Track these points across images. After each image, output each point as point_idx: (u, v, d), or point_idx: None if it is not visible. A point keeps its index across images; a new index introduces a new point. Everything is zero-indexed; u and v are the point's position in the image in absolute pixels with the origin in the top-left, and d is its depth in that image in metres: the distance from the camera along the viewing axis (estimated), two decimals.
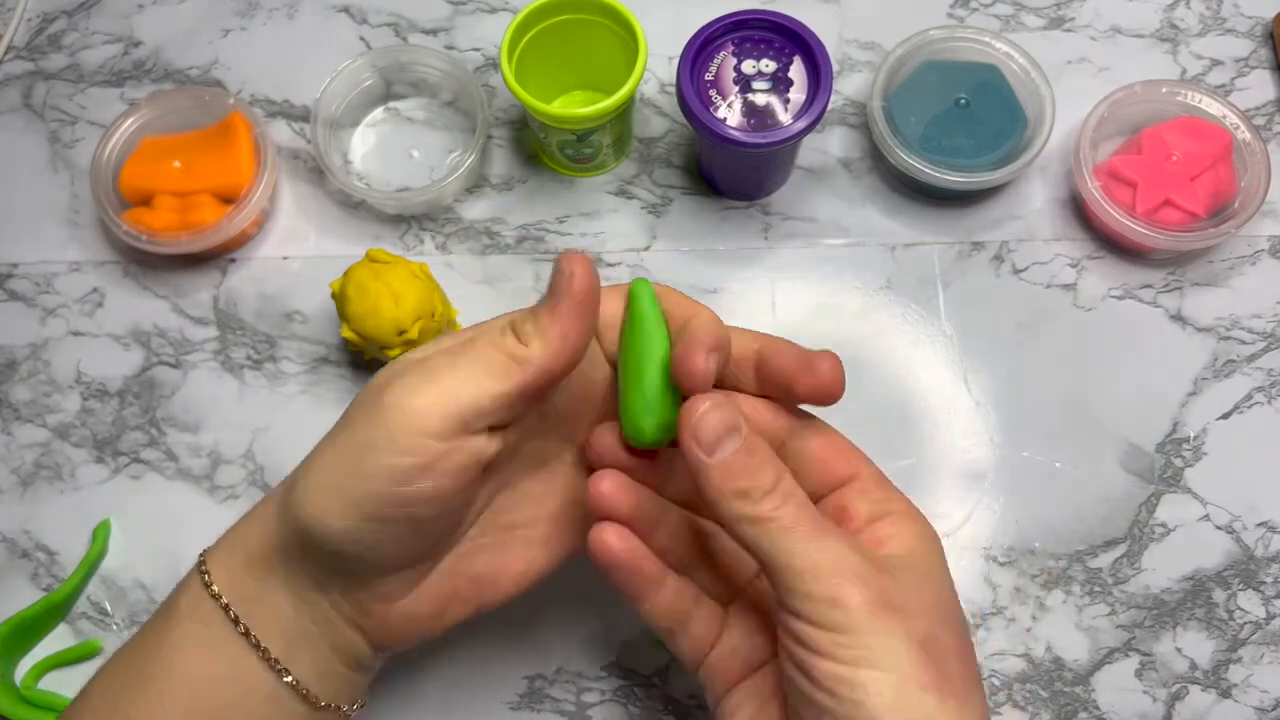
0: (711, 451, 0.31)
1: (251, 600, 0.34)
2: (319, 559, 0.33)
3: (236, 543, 0.35)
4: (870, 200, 0.56)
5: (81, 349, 0.55)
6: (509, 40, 0.50)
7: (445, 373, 0.31)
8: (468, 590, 0.36)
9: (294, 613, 0.34)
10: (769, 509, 0.31)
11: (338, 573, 0.33)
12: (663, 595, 0.34)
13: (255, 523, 0.35)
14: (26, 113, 0.60)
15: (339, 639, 0.35)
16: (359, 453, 0.31)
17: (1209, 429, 0.51)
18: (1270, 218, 0.55)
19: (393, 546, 0.32)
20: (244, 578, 0.34)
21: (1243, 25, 0.59)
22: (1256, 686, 0.47)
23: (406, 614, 0.34)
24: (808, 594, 0.30)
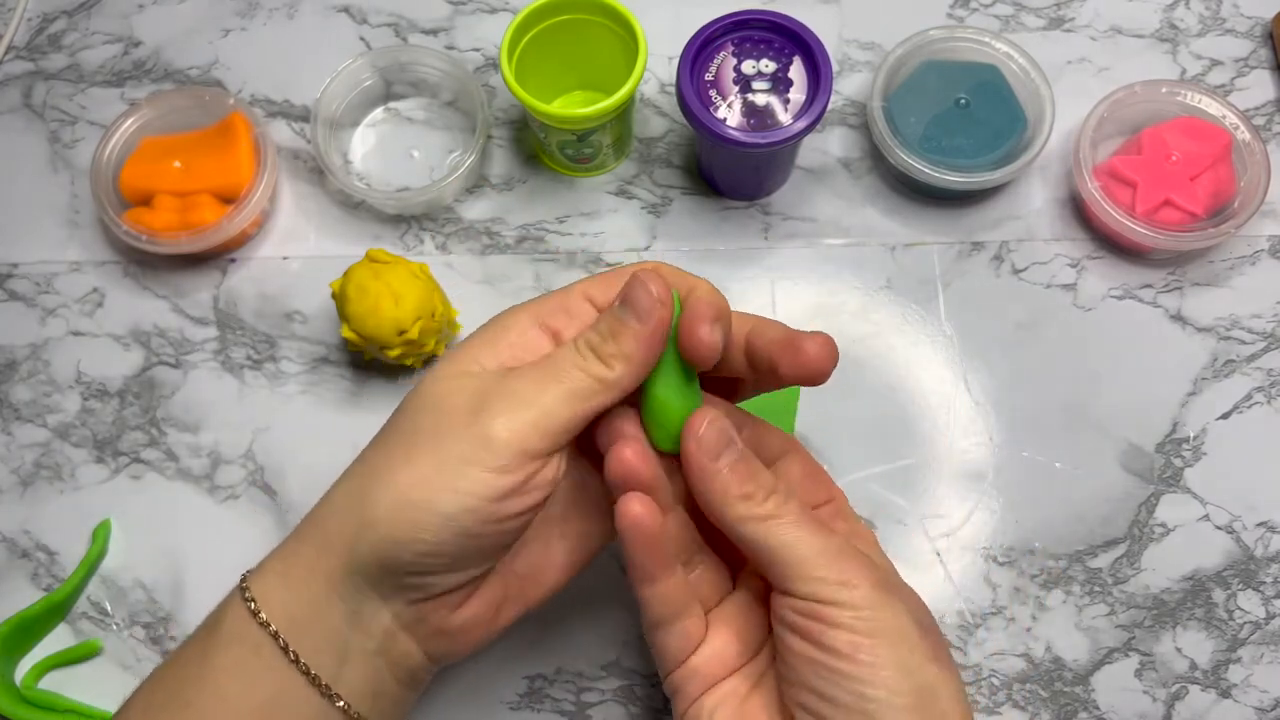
0: (715, 459, 0.33)
1: (303, 622, 0.34)
2: (394, 573, 0.33)
3: (287, 565, 0.35)
4: (870, 200, 0.56)
5: (82, 349, 0.55)
6: (509, 40, 0.50)
7: (537, 394, 0.33)
8: (516, 589, 0.37)
9: (350, 630, 0.34)
10: (773, 507, 0.33)
11: (409, 585, 0.34)
12: (671, 580, 0.35)
13: (306, 544, 0.35)
14: (27, 113, 0.60)
15: (396, 652, 0.35)
16: (457, 470, 0.32)
17: (1209, 429, 0.51)
18: (1270, 218, 0.55)
19: (475, 558, 0.34)
20: (295, 600, 0.34)
21: (1242, 25, 0.59)
22: (1256, 686, 0.47)
23: (465, 619, 0.35)
24: (820, 578, 0.32)
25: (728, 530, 0.34)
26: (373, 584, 0.33)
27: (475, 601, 0.35)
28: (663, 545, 0.34)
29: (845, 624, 0.31)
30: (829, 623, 0.32)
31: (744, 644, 0.36)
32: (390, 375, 0.53)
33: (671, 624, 0.36)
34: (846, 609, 0.32)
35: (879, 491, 0.50)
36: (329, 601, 0.34)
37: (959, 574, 0.49)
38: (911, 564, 0.49)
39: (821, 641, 0.32)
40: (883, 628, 0.32)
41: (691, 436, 0.34)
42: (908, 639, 0.32)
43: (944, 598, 0.49)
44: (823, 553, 0.32)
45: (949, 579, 0.49)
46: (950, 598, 0.49)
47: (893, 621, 0.32)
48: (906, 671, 0.31)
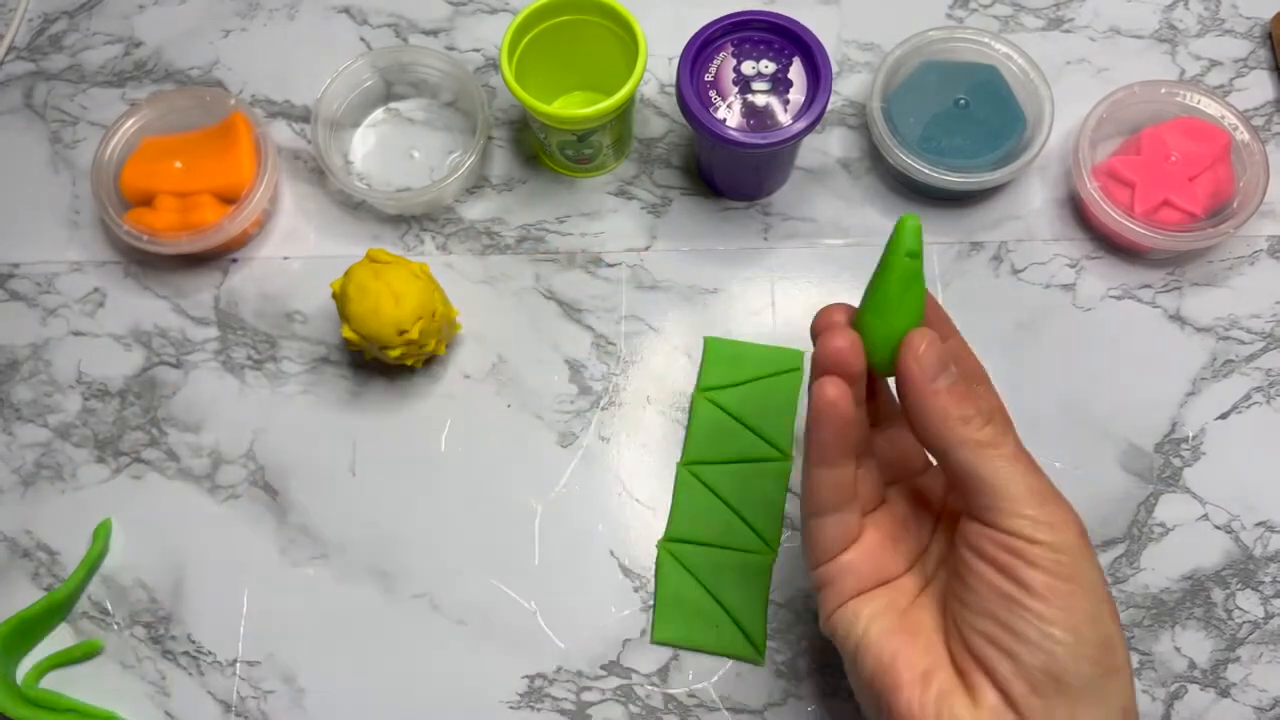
0: (934, 379, 0.34)
1: None
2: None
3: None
4: (870, 200, 0.56)
5: (82, 349, 0.55)
6: (509, 41, 0.50)
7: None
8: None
9: None
10: (991, 435, 0.34)
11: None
12: (846, 467, 0.36)
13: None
14: (28, 113, 0.60)
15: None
16: None
17: (1208, 429, 0.51)
18: (1269, 218, 0.55)
19: None
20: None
21: (1241, 26, 0.59)
22: (1255, 686, 0.47)
23: None
24: (1030, 516, 0.33)
25: (938, 451, 0.34)
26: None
27: None
28: (850, 431, 0.35)
29: (1046, 566, 0.32)
30: (1029, 561, 0.32)
31: (899, 552, 0.38)
32: (390, 375, 0.53)
33: (833, 512, 0.37)
34: (1049, 551, 0.32)
35: None
36: None
37: None
38: None
39: (1019, 577, 0.32)
40: (1080, 575, 0.32)
41: (911, 354, 0.34)
42: (1098, 591, 0.33)
43: None
44: (1035, 492, 0.33)
45: None
46: None
47: (1090, 573, 0.33)
48: (1094, 621, 0.32)
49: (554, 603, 0.49)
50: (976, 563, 0.34)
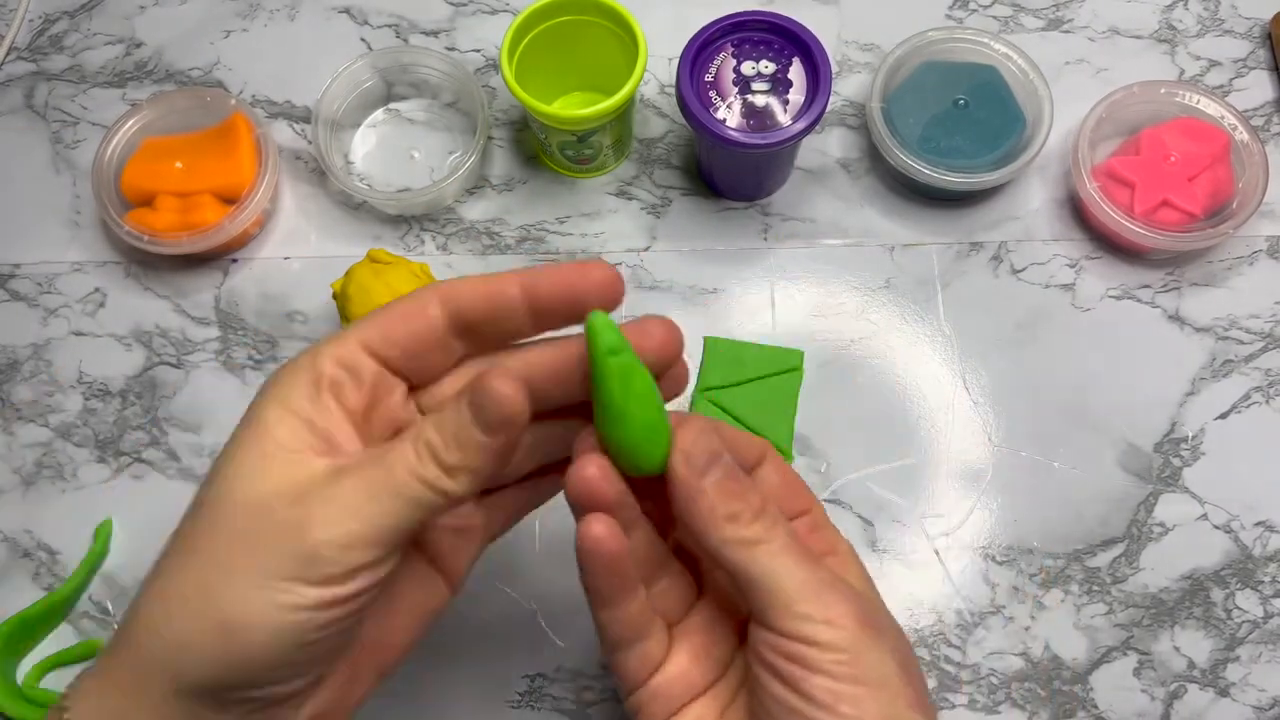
0: (702, 476, 0.31)
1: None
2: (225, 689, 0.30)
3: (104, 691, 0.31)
4: (869, 201, 0.56)
5: (83, 349, 0.55)
6: (509, 41, 0.50)
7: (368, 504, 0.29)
8: (364, 666, 0.34)
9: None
10: (759, 531, 0.31)
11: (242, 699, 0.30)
12: (633, 603, 0.33)
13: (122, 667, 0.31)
14: (28, 113, 0.60)
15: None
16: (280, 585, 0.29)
17: (1207, 429, 0.51)
18: (1268, 218, 0.55)
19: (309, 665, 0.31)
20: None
21: (1240, 26, 0.59)
22: (1254, 685, 0.47)
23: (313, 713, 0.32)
24: (804, 614, 0.30)
25: (708, 552, 0.32)
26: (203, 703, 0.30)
27: (322, 693, 0.32)
28: (624, 568, 0.32)
29: (826, 669, 0.30)
30: (809, 666, 0.30)
31: (710, 662, 0.34)
32: None
33: (631, 646, 0.34)
34: (828, 651, 0.30)
35: (878, 491, 0.50)
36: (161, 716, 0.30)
37: (958, 573, 0.49)
38: (910, 563, 0.49)
39: (800, 688, 0.30)
40: (866, 674, 0.30)
41: (679, 453, 0.31)
42: (890, 686, 0.30)
43: (943, 597, 0.49)
44: (806, 585, 0.30)
45: (948, 578, 0.49)
46: (949, 597, 0.49)
47: (877, 668, 0.30)
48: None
49: (554, 603, 0.49)
50: (761, 673, 0.31)
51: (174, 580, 0.30)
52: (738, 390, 0.52)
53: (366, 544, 0.29)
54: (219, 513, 0.30)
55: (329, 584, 0.28)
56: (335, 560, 0.28)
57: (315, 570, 0.28)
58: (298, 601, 0.28)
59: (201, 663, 0.29)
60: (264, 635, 0.28)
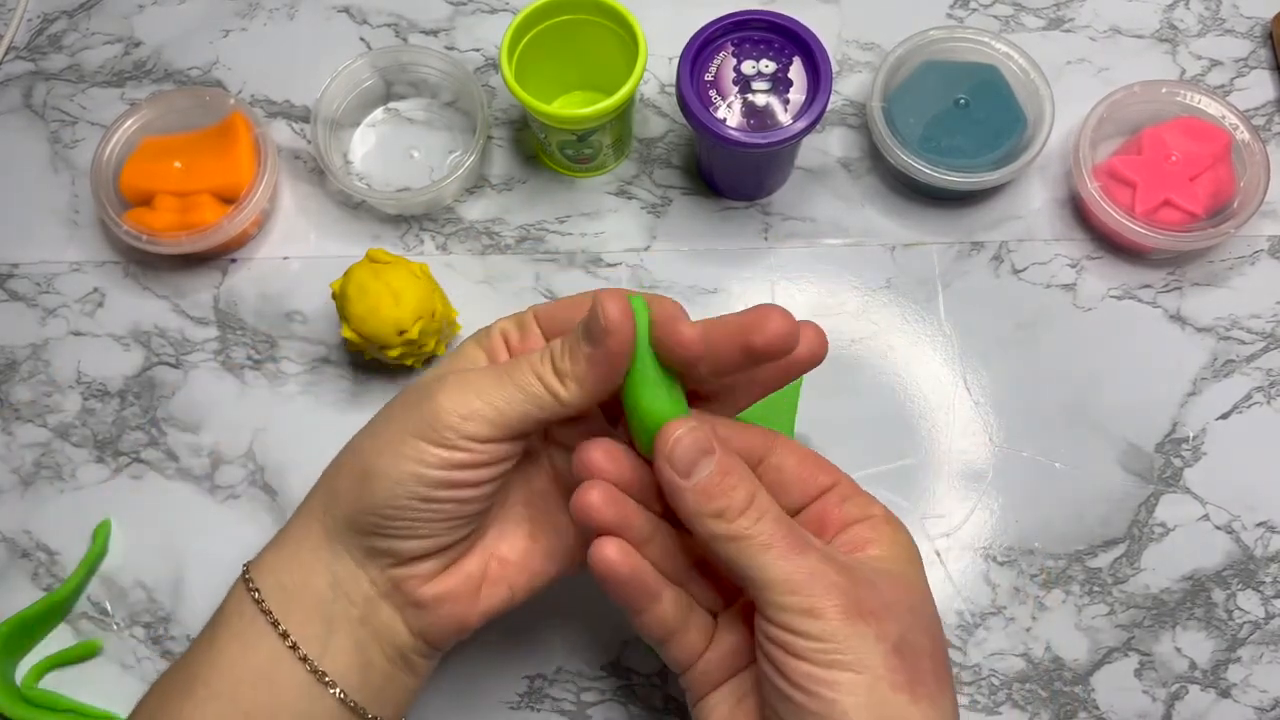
0: (688, 474, 0.33)
1: (292, 589, 0.36)
2: (363, 534, 0.35)
3: (282, 538, 0.37)
4: (870, 200, 0.56)
5: (82, 349, 0.55)
6: (509, 41, 0.50)
7: (491, 387, 0.34)
8: (498, 572, 0.38)
9: (334, 595, 0.36)
10: (744, 526, 0.33)
11: (378, 550, 0.35)
12: (660, 607, 0.36)
13: (297, 518, 0.37)
14: (27, 113, 0.60)
15: (378, 622, 0.36)
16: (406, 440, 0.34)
17: (1208, 429, 0.51)
18: (1269, 218, 0.55)
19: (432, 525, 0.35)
20: (284, 569, 0.36)
21: (1242, 26, 0.59)
22: (1256, 686, 0.47)
23: (441, 592, 0.36)
24: (785, 605, 0.32)
25: (703, 546, 0.34)
26: (348, 548, 0.36)
27: (451, 576, 0.37)
28: (641, 582, 0.35)
29: (806, 655, 0.31)
30: (792, 652, 0.31)
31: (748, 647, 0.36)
32: (390, 375, 0.53)
33: (670, 641, 0.36)
34: (809, 640, 0.31)
35: (879, 491, 0.50)
36: (312, 568, 0.36)
37: (959, 574, 0.49)
38: None
39: (784, 671, 0.31)
40: (846, 660, 0.31)
41: (661, 453, 0.33)
42: (872, 670, 0.31)
43: (944, 597, 0.49)
44: (789, 578, 0.32)
45: (949, 578, 0.49)
46: (950, 597, 0.49)
47: (857, 653, 0.31)
48: (869, 707, 0.30)
49: (554, 603, 0.49)
50: (760, 658, 0.33)
51: (345, 449, 0.37)
52: None
53: (483, 419, 0.34)
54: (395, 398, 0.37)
55: (446, 446, 0.34)
56: (454, 427, 0.34)
57: (437, 432, 0.34)
58: (420, 456, 0.34)
59: (346, 505, 0.35)
60: (389, 482, 0.34)
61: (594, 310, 0.33)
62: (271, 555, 0.37)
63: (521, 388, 0.34)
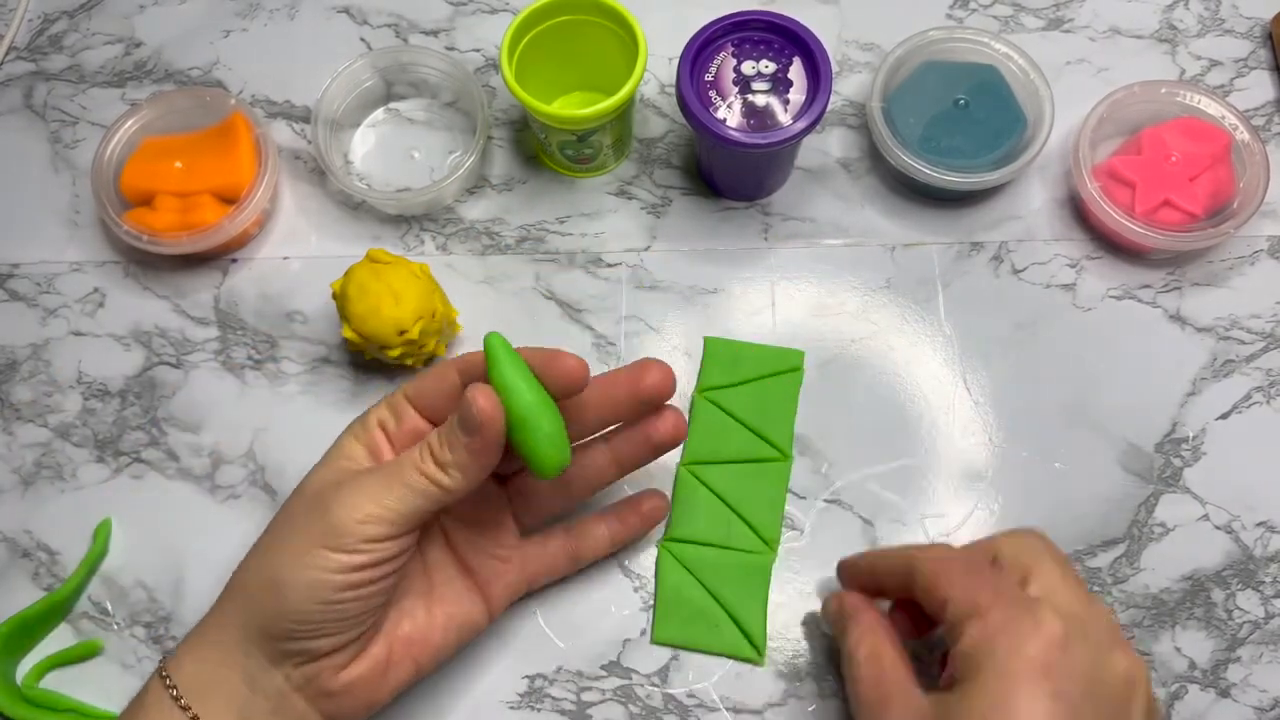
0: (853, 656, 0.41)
1: (208, 686, 0.39)
2: (274, 638, 0.38)
3: (198, 639, 0.40)
4: (869, 201, 0.56)
5: (82, 349, 0.55)
6: (509, 41, 0.50)
7: (382, 490, 0.38)
8: (402, 652, 0.41)
9: (250, 692, 0.38)
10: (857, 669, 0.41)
11: (290, 650, 0.38)
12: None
13: (211, 620, 0.40)
14: (28, 113, 0.60)
15: (293, 712, 0.39)
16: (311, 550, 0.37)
17: (1208, 429, 0.51)
18: (1269, 218, 0.55)
19: (340, 625, 0.38)
20: (200, 668, 0.39)
21: (1241, 26, 0.59)
22: (1255, 686, 0.47)
23: (350, 681, 0.39)
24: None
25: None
26: (261, 649, 0.38)
27: (359, 664, 0.40)
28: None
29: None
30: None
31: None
32: (390, 375, 0.53)
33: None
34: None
35: (879, 491, 0.50)
36: (228, 666, 0.39)
37: None
38: None
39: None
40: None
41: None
42: None
43: None
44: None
45: None
46: None
47: None
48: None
49: (554, 603, 0.49)
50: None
51: (256, 554, 0.40)
52: (737, 390, 0.52)
53: (376, 520, 0.37)
54: (292, 505, 0.40)
55: (346, 551, 0.37)
56: (351, 532, 0.37)
57: (337, 539, 0.37)
58: (325, 564, 0.37)
59: (259, 613, 0.38)
60: (297, 590, 0.37)
61: (466, 405, 0.37)
62: (188, 653, 0.40)
63: (409, 485, 0.38)
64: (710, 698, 0.47)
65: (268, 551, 0.39)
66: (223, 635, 0.39)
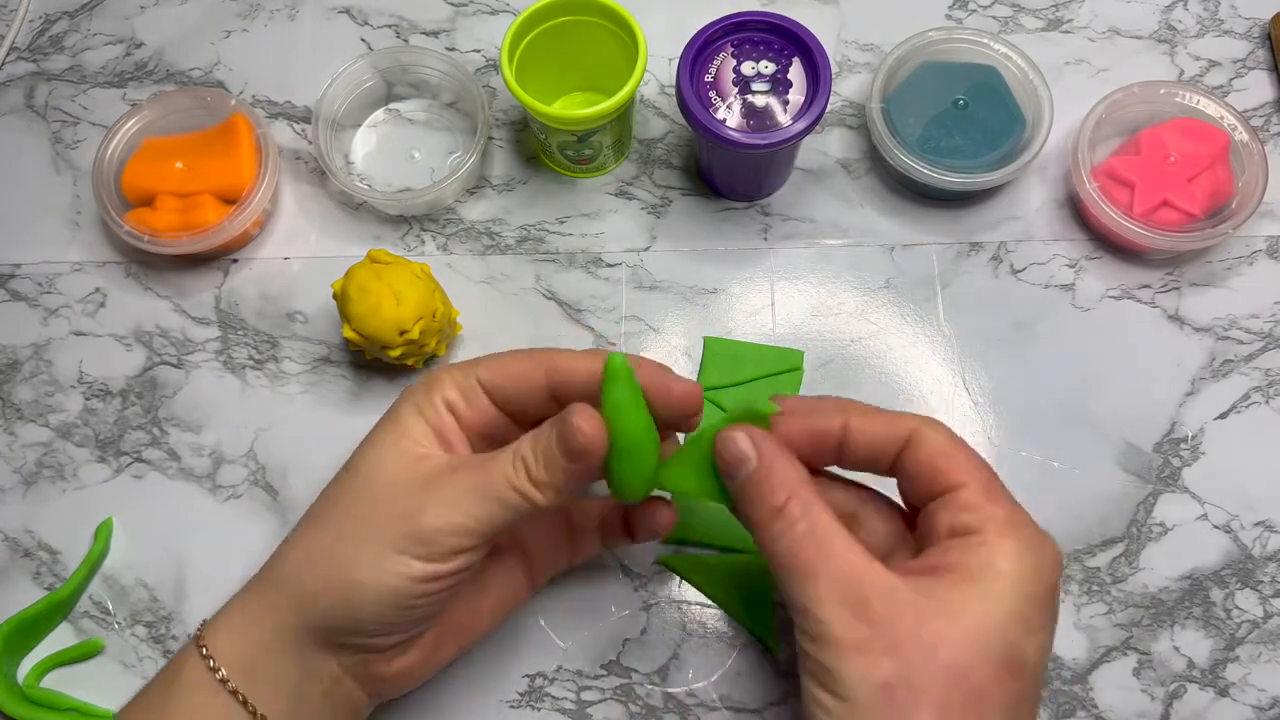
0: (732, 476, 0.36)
1: (257, 669, 0.37)
2: (337, 634, 0.37)
3: (243, 618, 0.39)
4: (869, 201, 0.56)
5: (84, 349, 0.55)
6: (509, 42, 0.50)
7: (472, 502, 0.36)
8: (450, 635, 0.41)
9: (299, 678, 0.38)
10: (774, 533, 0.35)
11: (351, 645, 0.38)
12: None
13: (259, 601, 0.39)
14: (29, 114, 0.60)
15: (341, 694, 0.39)
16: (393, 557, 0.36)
17: (1207, 429, 0.51)
18: (1267, 218, 0.55)
19: (406, 626, 0.38)
20: (249, 648, 0.38)
21: (1240, 26, 0.59)
22: (1254, 685, 0.47)
23: (404, 667, 0.39)
24: (798, 622, 0.34)
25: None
26: (318, 641, 0.37)
27: (413, 652, 0.39)
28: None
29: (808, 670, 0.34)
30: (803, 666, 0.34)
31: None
32: (391, 375, 0.53)
33: None
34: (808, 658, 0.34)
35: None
36: (280, 651, 0.37)
37: None
38: None
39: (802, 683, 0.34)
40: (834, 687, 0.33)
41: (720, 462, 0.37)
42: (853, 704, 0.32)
43: None
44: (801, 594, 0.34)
45: None
46: None
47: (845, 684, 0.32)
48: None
49: (554, 603, 0.49)
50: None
51: (314, 541, 0.38)
52: (737, 390, 0.52)
53: (466, 533, 0.36)
54: (358, 492, 0.38)
55: (432, 560, 0.36)
56: (440, 543, 0.36)
57: (424, 549, 0.36)
58: (406, 572, 0.36)
59: (325, 611, 0.37)
60: (375, 595, 0.36)
61: (571, 431, 0.35)
62: (233, 634, 0.38)
63: (502, 501, 0.36)
64: (710, 697, 0.47)
65: (335, 545, 0.37)
66: (274, 620, 0.38)
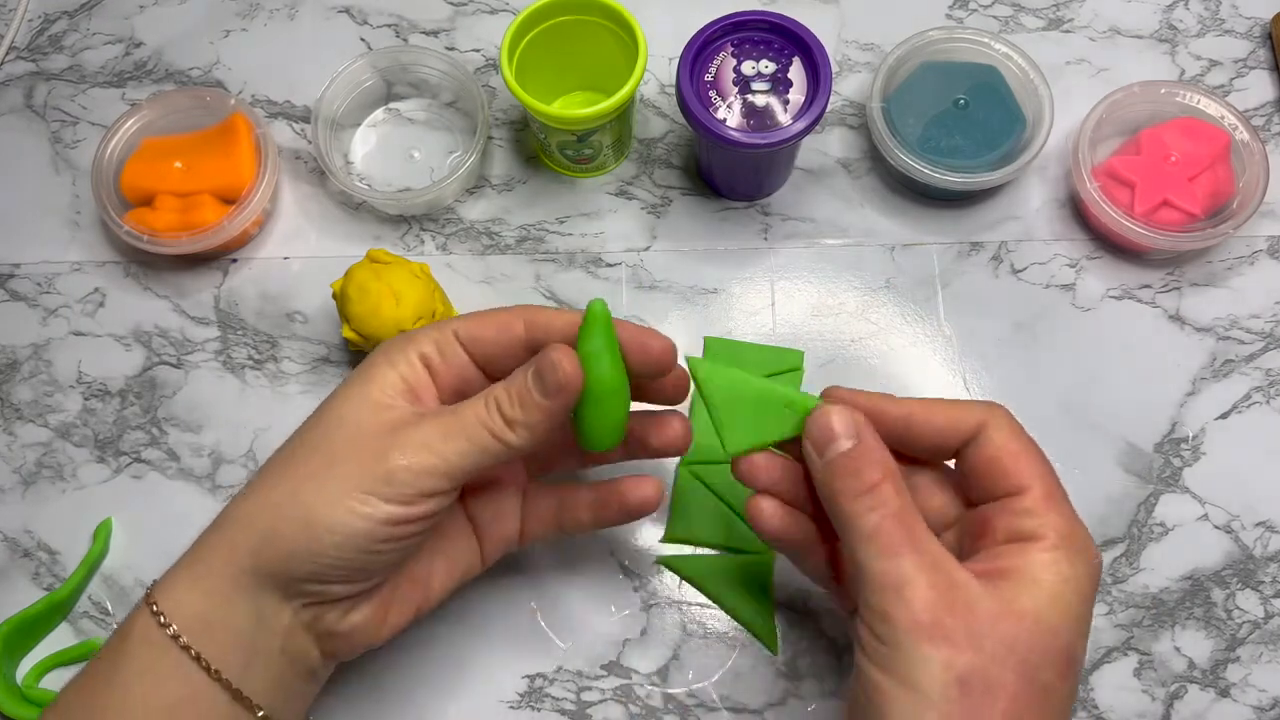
0: (822, 452, 0.36)
1: (212, 623, 0.36)
2: (295, 579, 0.36)
3: (195, 571, 0.37)
4: (869, 201, 0.56)
5: (83, 349, 0.55)
6: (509, 41, 0.50)
7: (443, 443, 0.36)
8: (404, 593, 0.40)
9: (254, 629, 0.37)
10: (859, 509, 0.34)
11: (307, 591, 0.37)
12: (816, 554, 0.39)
13: (212, 551, 0.37)
14: (28, 113, 0.60)
15: (294, 649, 0.38)
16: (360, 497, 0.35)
17: (1207, 429, 0.51)
18: (1268, 218, 0.55)
19: (368, 573, 0.37)
20: (202, 602, 0.36)
21: (1241, 26, 0.59)
22: (1255, 686, 0.47)
23: (356, 622, 0.38)
24: (868, 601, 0.33)
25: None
26: (275, 587, 0.36)
27: (366, 608, 0.38)
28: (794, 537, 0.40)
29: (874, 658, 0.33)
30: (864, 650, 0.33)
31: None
32: None
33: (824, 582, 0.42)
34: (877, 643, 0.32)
35: None
36: (234, 603, 0.36)
37: None
38: None
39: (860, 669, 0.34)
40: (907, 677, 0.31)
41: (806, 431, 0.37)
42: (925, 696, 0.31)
43: None
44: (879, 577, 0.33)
45: None
46: None
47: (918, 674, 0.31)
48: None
49: (554, 603, 0.49)
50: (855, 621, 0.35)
51: (272, 487, 0.37)
52: None
53: (435, 474, 0.35)
54: (321, 438, 0.37)
55: (400, 503, 0.35)
56: (408, 483, 0.35)
57: (391, 489, 0.35)
58: (372, 513, 0.35)
59: (285, 553, 0.35)
60: (340, 536, 0.35)
61: (550, 367, 0.35)
62: (182, 585, 0.37)
63: (472, 440, 0.36)
64: (710, 697, 0.47)
65: (300, 487, 0.36)
66: (230, 565, 0.36)
